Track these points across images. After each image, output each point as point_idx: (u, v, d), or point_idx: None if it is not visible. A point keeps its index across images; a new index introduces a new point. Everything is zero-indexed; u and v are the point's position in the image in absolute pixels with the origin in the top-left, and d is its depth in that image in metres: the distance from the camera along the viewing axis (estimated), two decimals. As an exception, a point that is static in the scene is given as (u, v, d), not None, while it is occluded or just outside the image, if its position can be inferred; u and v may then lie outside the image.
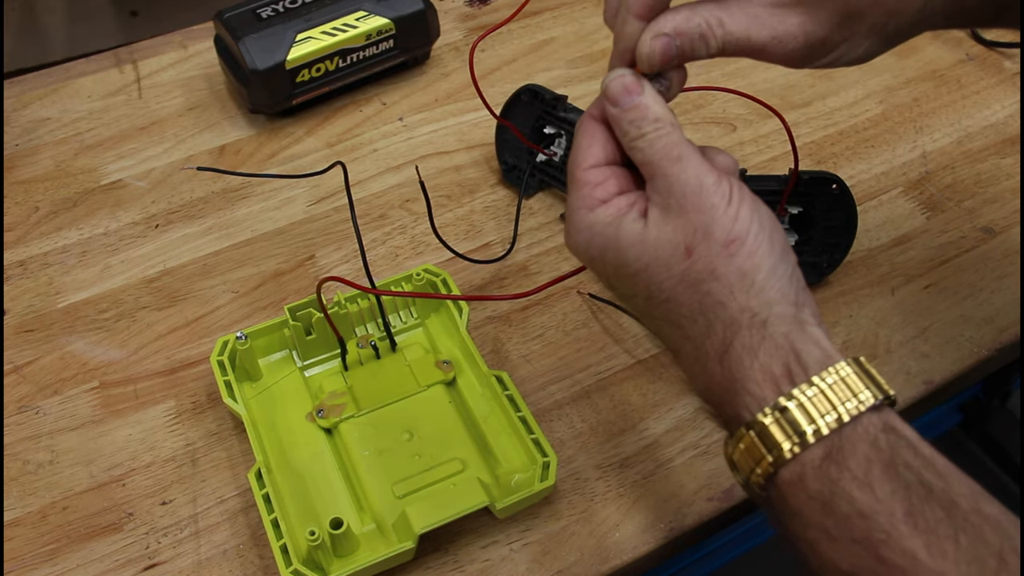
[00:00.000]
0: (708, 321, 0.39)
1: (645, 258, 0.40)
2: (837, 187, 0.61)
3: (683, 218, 0.39)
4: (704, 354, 0.39)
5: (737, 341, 0.38)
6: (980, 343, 0.62)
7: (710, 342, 0.39)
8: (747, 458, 0.38)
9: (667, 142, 0.40)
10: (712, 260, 0.38)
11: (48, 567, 0.53)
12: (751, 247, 0.38)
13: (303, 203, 0.72)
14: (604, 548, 0.53)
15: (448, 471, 0.54)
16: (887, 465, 0.35)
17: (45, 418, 0.59)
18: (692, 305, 0.39)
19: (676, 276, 0.39)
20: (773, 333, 0.38)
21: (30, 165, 0.75)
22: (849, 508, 0.35)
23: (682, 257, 0.39)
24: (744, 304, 0.38)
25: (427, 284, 0.61)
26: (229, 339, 0.58)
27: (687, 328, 0.40)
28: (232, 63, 0.75)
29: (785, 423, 0.37)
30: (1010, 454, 1.24)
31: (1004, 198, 0.71)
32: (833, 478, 0.35)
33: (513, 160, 0.72)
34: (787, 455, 0.36)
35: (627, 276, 0.41)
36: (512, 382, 0.57)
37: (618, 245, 0.41)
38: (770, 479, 0.38)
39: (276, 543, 0.49)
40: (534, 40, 0.85)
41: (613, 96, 0.41)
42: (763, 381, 0.38)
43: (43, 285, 0.67)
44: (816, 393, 0.37)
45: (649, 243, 0.40)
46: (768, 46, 0.41)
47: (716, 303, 0.39)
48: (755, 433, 0.37)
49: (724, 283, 0.38)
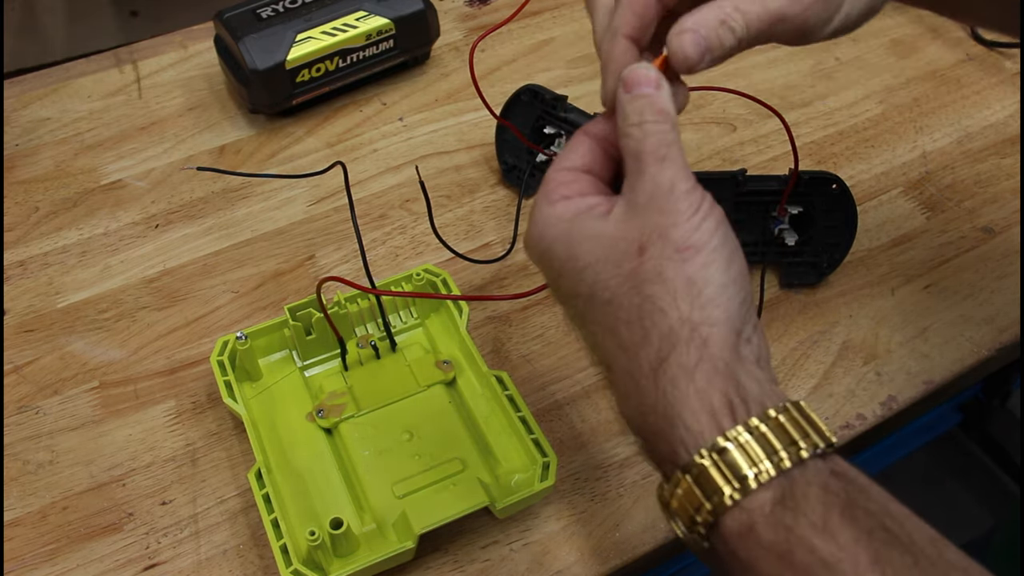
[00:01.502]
0: (645, 329, 0.36)
1: (597, 252, 0.38)
2: (837, 187, 0.61)
3: (643, 217, 0.37)
4: (637, 368, 0.36)
5: (673, 356, 0.35)
6: (980, 343, 0.62)
7: (644, 353, 0.36)
8: (685, 504, 0.35)
9: (660, 139, 0.38)
10: (662, 262, 0.36)
11: (48, 567, 0.53)
12: (705, 258, 0.36)
13: (303, 203, 0.72)
14: (604, 548, 0.53)
15: (448, 471, 0.54)
16: (844, 510, 0.32)
17: (45, 418, 0.59)
18: (631, 308, 0.37)
19: (623, 275, 0.37)
20: (712, 355, 0.35)
21: (30, 165, 0.75)
22: (810, 558, 0.32)
23: (634, 255, 0.37)
24: (686, 315, 0.36)
25: (427, 284, 0.61)
26: (229, 339, 0.58)
27: (623, 335, 0.37)
28: (232, 63, 0.75)
29: (724, 466, 0.34)
30: (1010, 454, 1.24)
31: (1004, 198, 0.71)
32: (788, 525, 0.33)
33: (513, 160, 0.72)
34: (727, 502, 0.34)
35: (573, 272, 0.38)
36: (512, 382, 0.57)
37: (570, 239, 0.39)
38: (712, 529, 0.35)
39: (276, 543, 0.49)
40: (534, 40, 0.85)
41: (631, 81, 0.39)
42: (700, 411, 0.35)
43: (43, 285, 0.67)
44: (759, 434, 0.34)
45: (605, 238, 0.38)
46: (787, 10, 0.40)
47: (656, 309, 0.36)
48: (691, 477, 0.34)
49: (669, 287, 0.36)
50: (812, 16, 0.40)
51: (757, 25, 0.40)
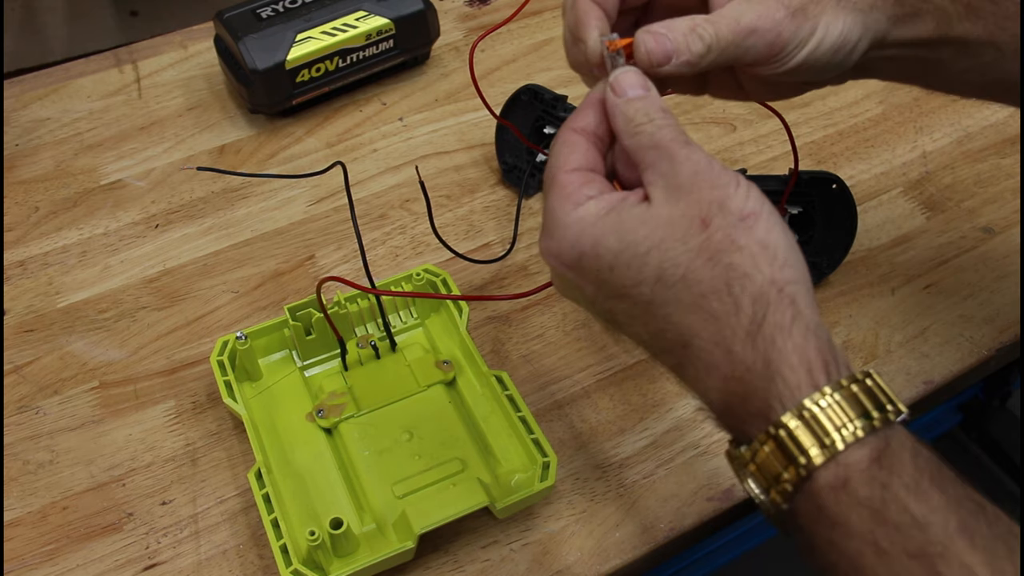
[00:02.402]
0: (734, 295, 0.36)
1: (657, 234, 0.37)
2: (837, 187, 0.61)
3: (695, 193, 0.37)
4: (730, 335, 0.36)
5: (769, 316, 0.35)
6: (980, 343, 0.62)
7: (737, 320, 0.36)
8: (773, 462, 0.35)
9: (676, 129, 0.39)
10: (731, 231, 0.36)
11: (48, 567, 0.53)
12: (767, 223, 0.37)
13: (303, 203, 0.72)
14: (604, 548, 0.53)
15: (448, 471, 0.54)
16: (933, 476, 0.33)
17: (45, 418, 0.59)
18: (714, 280, 0.36)
19: (694, 249, 0.36)
20: (802, 313, 0.36)
21: (30, 165, 0.75)
22: (902, 517, 0.32)
23: (699, 229, 0.36)
24: (771, 276, 0.36)
25: (427, 284, 0.61)
26: (229, 339, 0.58)
27: (710, 306, 0.36)
28: (232, 63, 0.75)
29: (821, 420, 0.34)
30: (1010, 454, 1.24)
31: (1004, 198, 0.71)
32: (884, 483, 0.33)
33: (513, 160, 0.72)
34: (824, 455, 0.34)
35: (633, 260, 0.37)
36: (512, 382, 0.57)
37: (619, 229, 0.38)
38: (799, 485, 0.35)
39: (276, 543, 0.49)
40: (534, 40, 0.85)
41: (622, 87, 0.40)
42: (798, 366, 0.35)
43: (43, 285, 0.67)
44: (850, 394, 0.34)
45: (661, 219, 0.37)
46: (757, 24, 0.41)
47: (742, 275, 0.36)
48: (785, 432, 0.34)
49: (747, 254, 0.36)
50: (784, 31, 0.41)
51: (727, 36, 0.41)
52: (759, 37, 0.41)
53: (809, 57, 0.42)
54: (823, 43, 0.42)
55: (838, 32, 0.42)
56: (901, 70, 0.48)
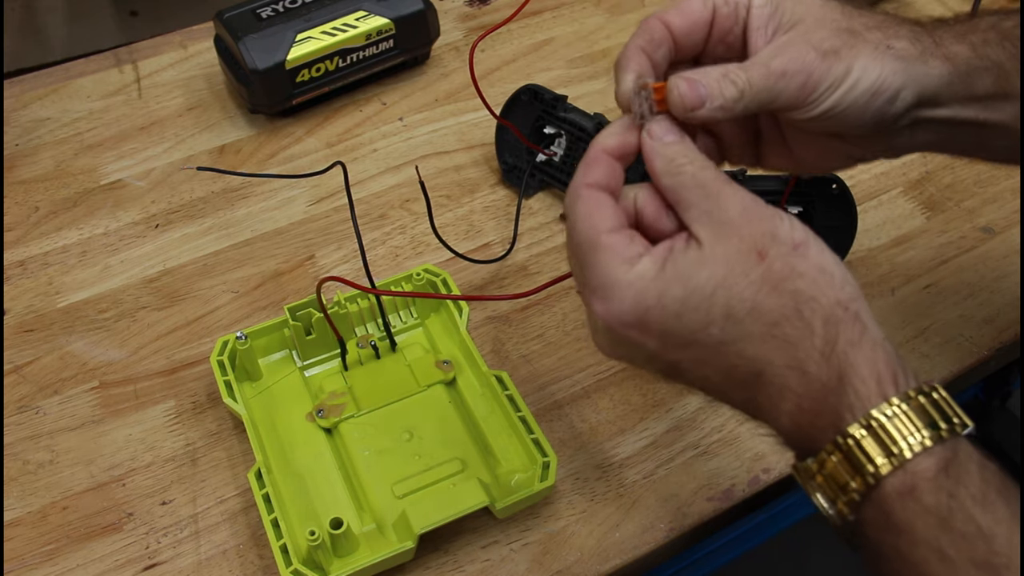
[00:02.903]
0: (805, 320, 0.37)
1: (719, 272, 0.37)
2: (837, 187, 0.61)
3: (746, 228, 0.38)
4: (804, 357, 0.37)
5: (841, 336, 0.36)
6: (980, 343, 0.62)
7: (812, 342, 0.37)
8: (841, 472, 0.35)
9: (714, 170, 0.39)
10: (788, 260, 0.37)
11: (48, 567, 0.53)
12: (817, 248, 0.38)
13: (303, 203, 0.72)
14: (604, 548, 0.53)
15: (448, 471, 0.54)
16: (1000, 489, 0.34)
17: (45, 418, 0.59)
18: (783, 308, 0.37)
19: (756, 281, 0.37)
20: (868, 327, 0.37)
21: (30, 165, 0.75)
22: (969, 526, 0.33)
23: (757, 261, 0.37)
24: (835, 298, 0.37)
25: (427, 284, 0.61)
26: (229, 339, 0.58)
27: (783, 333, 0.37)
28: (232, 63, 0.75)
29: (891, 429, 0.35)
30: (1010, 454, 1.24)
31: (1004, 198, 0.71)
32: (951, 492, 0.34)
33: (513, 160, 0.72)
34: (892, 463, 0.34)
35: (701, 303, 0.38)
36: (512, 382, 0.57)
37: (680, 276, 0.38)
38: (866, 494, 0.35)
39: (276, 543, 0.49)
40: (534, 40, 0.85)
41: (658, 132, 0.41)
42: (868, 377, 0.36)
43: (43, 285, 0.67)
44: (918, 405, 0.35)
45: (718, 257, 0.38)
46: (788, 67, 0.41)
47: (809, 299, 0.37)
48: (853, 442, 0.35)
49: (809, 279, 0.37)
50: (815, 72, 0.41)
51: (759, 82, 0.41)
52: (790, 79, 0.41)
53: (842, 100, 0.42)
54: (856, 86, 0.42)
55: (874, 77, 0.42)
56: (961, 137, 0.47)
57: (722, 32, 0.43)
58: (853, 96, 0.42)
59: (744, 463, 0.56)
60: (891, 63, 0.42)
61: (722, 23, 0.43)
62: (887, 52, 0.42)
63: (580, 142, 0.68)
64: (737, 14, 0.43)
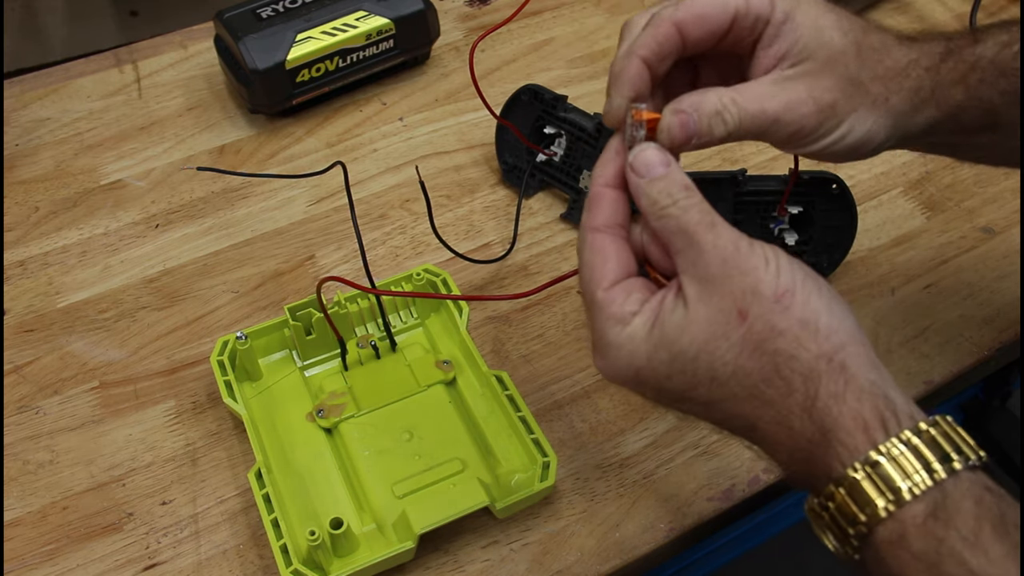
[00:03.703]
0: (784, 379, 0.37)
1: (701, 337, 0.38)
2: (837, 187, 0.61)
3: (727, 285, 0.38)
4: (787, 414, 0.37)
5: (822, 390, 0.36)
6: (980, 343, 0.62)
7: (792, 399, 0.37)
8: (838, 517, 0.36)
9: (701, 209, 0.39)
10: (768, 317, 0.37)
11: (48, 567, 0.53)
12: (802, 297, 0.37)
13: (303, 203, 0.72)
14: (604, 548, 0.53)
15: (448, 471, 0.54)
16: (996, 525, 0.33)
17: (45, 418, 0.59)
18: (763, 369, 0.37)
19: (737, 344, 0.37)
20: (855, 375, 0.36)
21: (30, 165, 0.75)
22: (959, 570, 0.33)
23: (737, 322, 0.37)
24: (817, 352, 0.37)
25: (427, 284, 0.61)
26: (229, 339, 0.58)
27: (764, 394, 0.37)
28: (232, 63, 0.75)
29: (878, 478, 0.35)
30: (1010, 454, 1.24)
31: (1004, 198, 0.71)
32: (939, 537, 0.33)
33: (513, 160, 0.72)
34: (881, 513, 0.34)
35: (686, 366, 0.38)
36: (512, 382, 0.57)
37: (665, 341, 0.39)
38: (864, 540, 0.35)
39: (276, 543, 0.49)
40: (534, 40, 0.85)
41: (642, 167, 0.40)
42: (855, 429, 0.36)
43: (43, 285, 0.67)
44: (912, 446, 0.35)
45: (699, 321, 0.38)
46: (782, 116, 0.41)
47: (788, 357, 0.37)
48: (844, 490, 0.35)
49: (789, 337, 0.37)
50: (807, 125, 0.42)
51: (750, 123, 0.41)
52: (781, 127, 0.42)
53: (827, 149, 0.43)
54: (845, 140, 0.43)
55: (864, 131, 0.43)
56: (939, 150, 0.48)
57: (733, 42, 0.43)
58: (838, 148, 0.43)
59: (744, 463, 0.56)
60: (883, 119, 0.43)
61: (737, 33, 0.42)
62: (883, 106, 0.43)
63: (580, 142, 0.68)
64: (754, 27, 0.42)
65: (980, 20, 0.83)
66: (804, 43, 0.42)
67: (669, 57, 0.42)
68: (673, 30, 0.41)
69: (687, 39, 0.41)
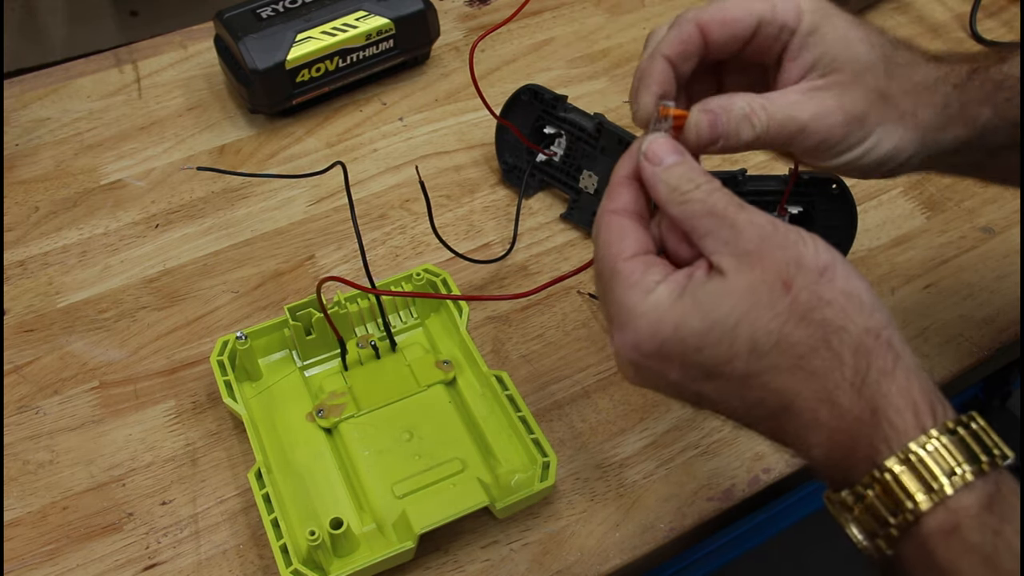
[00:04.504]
0: (833, 350, 0.35)
1: (743, 304, 0.36)
2: (837, 187, 0.61)
3: (768, 257, 0.36)
4: (833, 388, 0.35)
5: (873, 365, 0.35)
6: (980, 343, 0.62)
7: (841, 373, 0.35)
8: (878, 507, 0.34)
9: (726, 192, 0.38)
10: (815, 288, 0.36)
11: (48, 567, 0.53)
12: (843, 271, 0.37)
13: (303, 203, 0.72)
14: (604, 548, 0.53)
15: (448, 471, 0.54)
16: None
17: (45, 418, 0.59)
18: (811, 338, 0.36)
19: (783, 313, 0.36)
20: (902, 355, 0.36)
21: (30, 165, 0.75)
22: (1016, 564, 0.32)
23: (782, 292, 0.36)
24: (864, 325, 0.35)
25: (427, 284, 0.61)
26: (229, 339, 0.58)
27: (810, 364, 0.36)
28: (232, 63, 0.75)
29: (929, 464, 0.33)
30: (1010, 454, 1.24)
31: (1004, 198, 0.71)
32: (996, 529, 0.32)
33: (513, 160, 0.72)
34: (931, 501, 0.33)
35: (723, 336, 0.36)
36: (512, 382, 0.57)
37: (699, 309, 0.37)
38: (906, 530, 0.34)
39: (276, 543, 0.49)
40: (534, 40, 0.85)
41: (654, 154, 0.39)
42: (904, 409, 0.34)
43: (43, 285, 0.67)
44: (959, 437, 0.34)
45: (740, 290, 0.36)
46: (809, 124, 0.41)
47: (837, 328, 0.35)
48: (891, 477, 0.34)
49: (837, 307, 0.36)
50: (834, 135, 0.41)
51: (777, 130, 0.40)
52: (808, 136, 0.41)
53: (854, 162, 0.42)
54: (872, 152, 0.42)
55: (891, 145, 0.42)
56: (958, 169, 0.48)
57: (758, 50, 0.42)
58: (864, 161, 0.42)
59: (744, 463, 0.56)
60: (910, 133, 0.42)
61: (762, 41, 0.42)
62: (912, 120, 0.42)
63: (580, 142, 0.68)
64: (780, 36, 0.41)
65: (980, 20, 0.83)
66: (833, 55, 0.41)
67: (692, 58, 0.41)
68: (696, 31, 0.41)
69: (710, 41, 0.41)
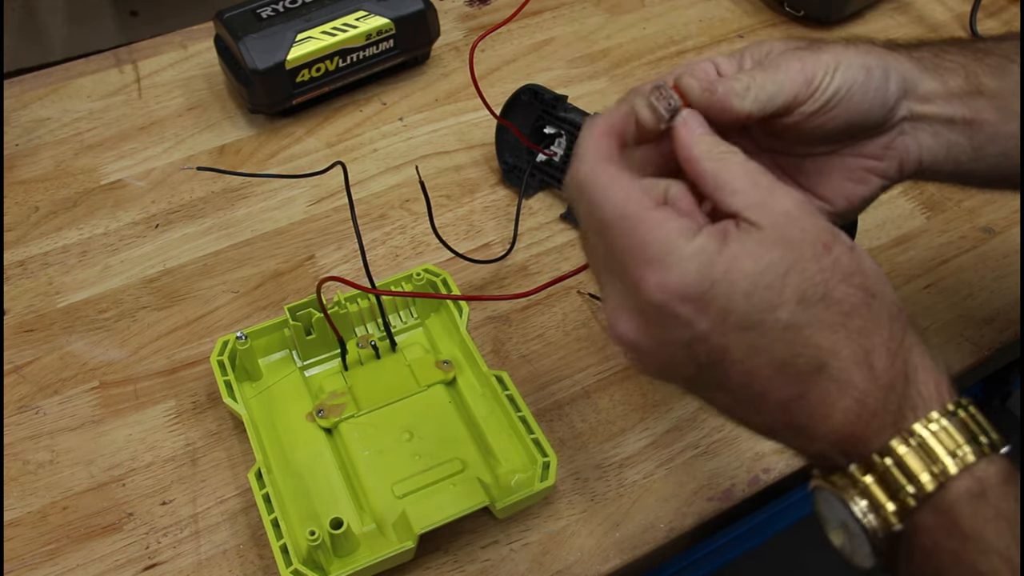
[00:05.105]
0: (874, 313, 0.36)
1: (792, 254, 0.35)
2: (837, 187, 0.61)
3: (807, 219, 0.36)
4: (871, 351, 0.35)
5: (907, 336, 0.36)
6: (980, 343, 0.62)
7: (880, 337, 0.36)
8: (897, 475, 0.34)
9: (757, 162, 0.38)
10: (852, 255, 0.36)
11: (48, 567, 0.53)
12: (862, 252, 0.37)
13: (303, 203, 0.72)
14: (604, 548, 0.53)
15: (448, 471, 0.54)
16: None
17: (45, 418, 0.59)
18: (854, 298, 0.36)
19: (828, 269, 0.36)
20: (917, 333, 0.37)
21: (30, 165, 0.75)
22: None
23: (823, 251, 0.36)
24: (894, 299, 0.37)
25: (427, 284, 0.61)
26: (229, 339, 0.58)
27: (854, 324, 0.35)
28: (232, 63, 0.75)
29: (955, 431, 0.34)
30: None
31: (1004, 198, 0.71)
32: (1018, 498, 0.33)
33: (513, 160, 0.72)
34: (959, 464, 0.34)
35: (774, 281, 0.35)
36: (512, 382, 0.57)
37: (751, 253, 0.35)
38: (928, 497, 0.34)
39: (276, 543, 0.49)
40: (534, 40, 0.85)
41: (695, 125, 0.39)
42: (929, 380, 0.36)
43: (43, 285, 0.67)
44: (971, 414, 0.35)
45: (786, 240, 0.35)
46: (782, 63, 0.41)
47: (877, 293, 0.36)
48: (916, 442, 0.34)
49: (873, 275, 0.37)
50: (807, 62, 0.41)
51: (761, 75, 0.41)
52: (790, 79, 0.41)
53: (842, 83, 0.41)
54: (848, 69, 0.42)
55: (858, 63, 0.42)
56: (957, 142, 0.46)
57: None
58: (849, 76, 0.41)
59: (744, 463, 0.56)
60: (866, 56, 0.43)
61: None
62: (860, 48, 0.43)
63: (580, 142, 0.68)
64: None
65: (980, 20, 0.83)
66: None
67: None
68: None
69: None
